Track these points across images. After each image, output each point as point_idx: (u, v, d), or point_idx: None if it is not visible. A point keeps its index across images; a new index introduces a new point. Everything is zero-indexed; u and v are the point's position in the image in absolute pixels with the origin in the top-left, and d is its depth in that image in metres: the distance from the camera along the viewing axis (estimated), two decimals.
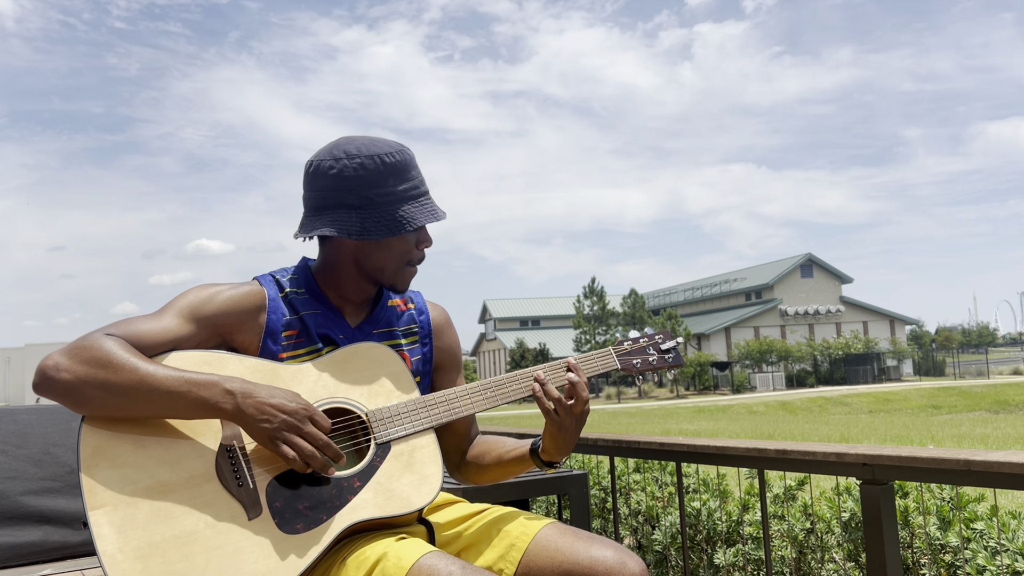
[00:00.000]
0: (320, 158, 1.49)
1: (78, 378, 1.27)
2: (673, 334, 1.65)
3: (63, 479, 2.17)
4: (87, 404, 1.28)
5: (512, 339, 53.95)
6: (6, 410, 2.23)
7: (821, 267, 52.30)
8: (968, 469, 1.84)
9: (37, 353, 50.46)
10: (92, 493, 1.23)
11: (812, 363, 46.30)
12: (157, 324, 1.38)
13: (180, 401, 1.28)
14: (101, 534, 1.21)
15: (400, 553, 1.26)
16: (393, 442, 1.42)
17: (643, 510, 3.78)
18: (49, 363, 1.28)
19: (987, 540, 2.53)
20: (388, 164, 1.47)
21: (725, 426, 18.31)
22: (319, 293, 1.53)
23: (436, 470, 1.43)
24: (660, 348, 1.64)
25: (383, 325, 1.59)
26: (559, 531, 1.43)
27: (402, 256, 1.51)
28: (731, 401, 32.93)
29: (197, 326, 1.41)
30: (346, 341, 1.52)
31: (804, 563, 3.02)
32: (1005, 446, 10.76)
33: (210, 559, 1.22)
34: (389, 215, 1.46)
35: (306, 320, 1.49)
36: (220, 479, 1.29)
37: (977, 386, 35.98)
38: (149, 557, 1.20)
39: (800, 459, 2.21)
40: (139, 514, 1.23)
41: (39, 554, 2.08)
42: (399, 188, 1.48)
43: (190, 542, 1.23)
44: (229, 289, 1.46)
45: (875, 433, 14.13)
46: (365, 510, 1.34)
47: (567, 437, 1.49)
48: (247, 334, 1.45)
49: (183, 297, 1.44)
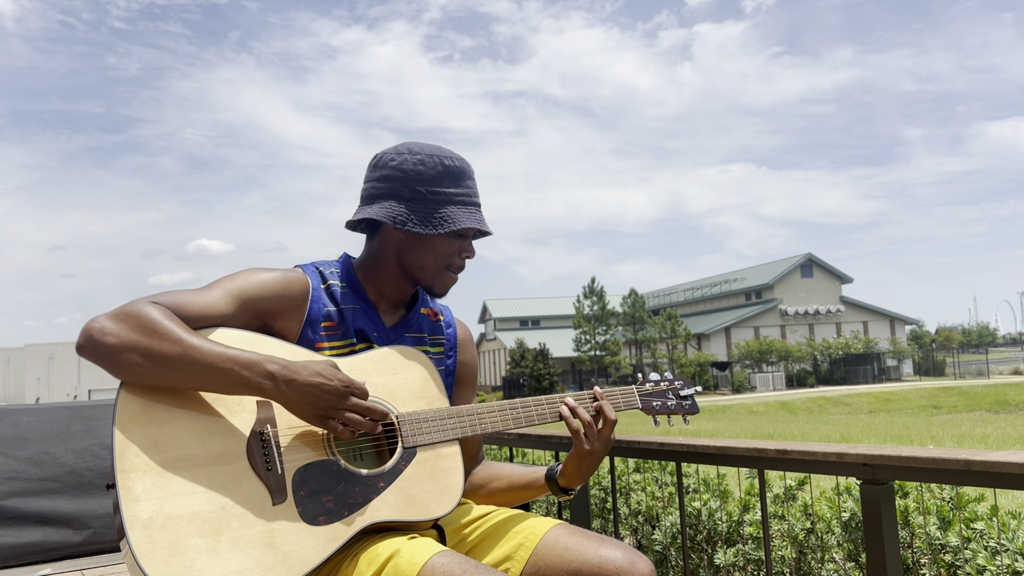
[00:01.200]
0: (385, 151, 1.57)
1: (123, 343, 1.26)
2: (692, 382, 1.73)
3: (63, 480, 2.17)
4: (128, 370, 1.27)
5: (512, 339, 53.94)
6: (6, 412, 2.23)
7: (821, 267, 52.29)
8: (968, 469, 1.84)
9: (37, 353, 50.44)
10: (123, 456, 1.23)
11: (812, 363, 46.30)
12: (203, 299, 1.38)
13: (221, 377, 1.28)
14: (127, 497, 1.20)
15: (412, 551, 1.27)
16: (419, 448, 1.44)
17: (643, 510, 3.78)
18: (95, 326, 1.28)
19: (987, 540, 2.53)
20: (446, 167, 1.54)
21: (725, 426, 18.31)
22: (359, 288, 1.56)
23: (458, 481, 1.45)
24: (679, 394, 1.72)
25: (415, 330, 1.62)
26: (568, 531, 1.44)
27: (443, 258, 1.55)
28: (731, 401, 32.93)
29: (242, 307, 1.42)
30: (380, 339, 1.54)
31: (804, 563, 3.02)
32: (1005, 446, 10.76)
33: (233, 540, 1.23)
34: (436, 212, 1.51)
35: (345, 313, 1.52)
36: (250, 460, 1.29)
37: (977, 386, 35.99)
38: (172, 528, 1.20)
39: (800, 459, 2.21)
40: (167, 484, 1.23)
41: (39, 554, 2.08)
42: (450, 191, 1.53)
43: (214, 519, 1.23)
44: (277, 275, 1.48)
45: (875, 433, 14.13)
46: (385, 512, 1.36)
47: (591, 462, 1.54)
48: (289, 321, 1.47)
49: (232, 278, 1.45)
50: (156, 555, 1.17)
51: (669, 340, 44.59)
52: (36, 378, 49.39)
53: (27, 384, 49.13)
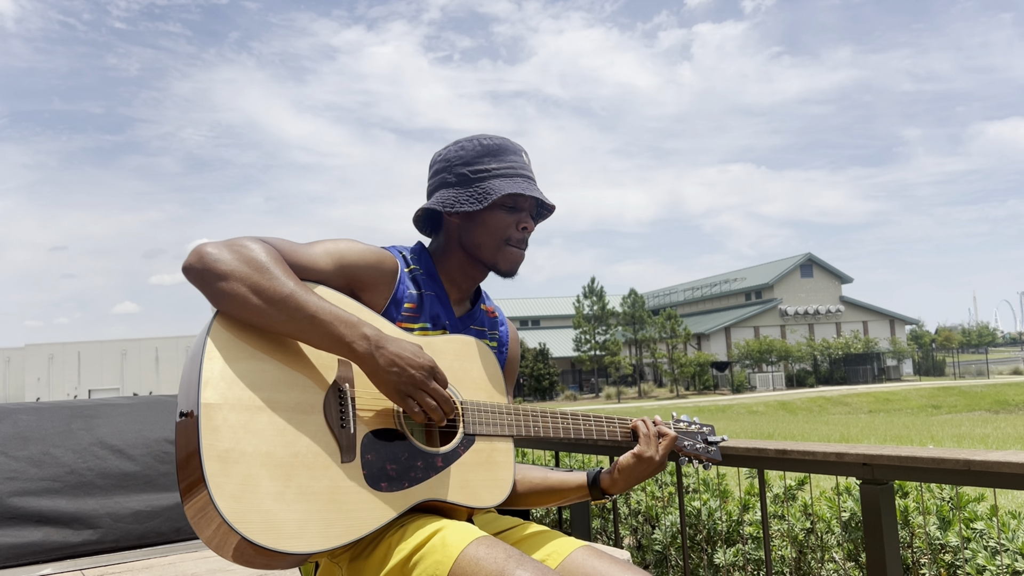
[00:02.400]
0: (439, 149, 1.63)
1: (232, 271, 1.27)
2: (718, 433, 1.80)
3: (63, 480, 2.17)
4: (229, 299, 1.28)
5: None
6: (6, 411, 2.23)
7: (821, 267, 52.27)
8: (968, 469, 1.84)
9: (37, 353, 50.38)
10: (208, 384, 1.23)
11: (812, 363, 46.30)
12: (307, 253, 1.41)
13: (320, 328, 1.29)
14: (208, 426, 1.20)
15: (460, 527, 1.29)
16: (478, 437, 1.47)
17: (643, 510, 3.78)
18: (210, 249, 1.29)
19: (987, 540, 2.53)
20: (485, 145, 1.57)
21: (725, 426, 18.31)
22: (436, 275, 1.60)
23: (509, 476, 1.48)
24: (707, 439, 1.76)
25: (478, 323, 1.66)
26: (593, 554, 1.45)
27: (497, 233, 1.56)
28: (731, 401, 32.93)
29: (339, 271, 1.44)
30: (451, 328, 1.58)
31: (804, 563, 3.02)
32: (1005, 446, 10.76)
33: (301, 488, 1.23)
34: (480, 188, 1.54)
35: (424, 298, 1.55)
36: (325, 415, 1.31)
37: (977, 386, 35.98)
38: (246, 465, 1.21)
39: (800, 459, 2.21)
40: (246, 422, 1.23)
41: (39, 554, 2.08)
42: (493, 166, 1.56)
43: (285, 465, 1.24)
44: (374, 249, 1.51)
45: (875, 433, 14.13)
46: (440, 491, 1.38)
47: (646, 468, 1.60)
48: (377, 296, 1.49)
49: (333, 241, 1.47)
50: (228, 488, 1.18)
51: (669, 340, 44.57)
52: (36, 378, 49.37)
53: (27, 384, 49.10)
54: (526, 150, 1.62)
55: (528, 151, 1.64)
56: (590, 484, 1.63)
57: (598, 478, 1.63)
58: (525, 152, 1.62)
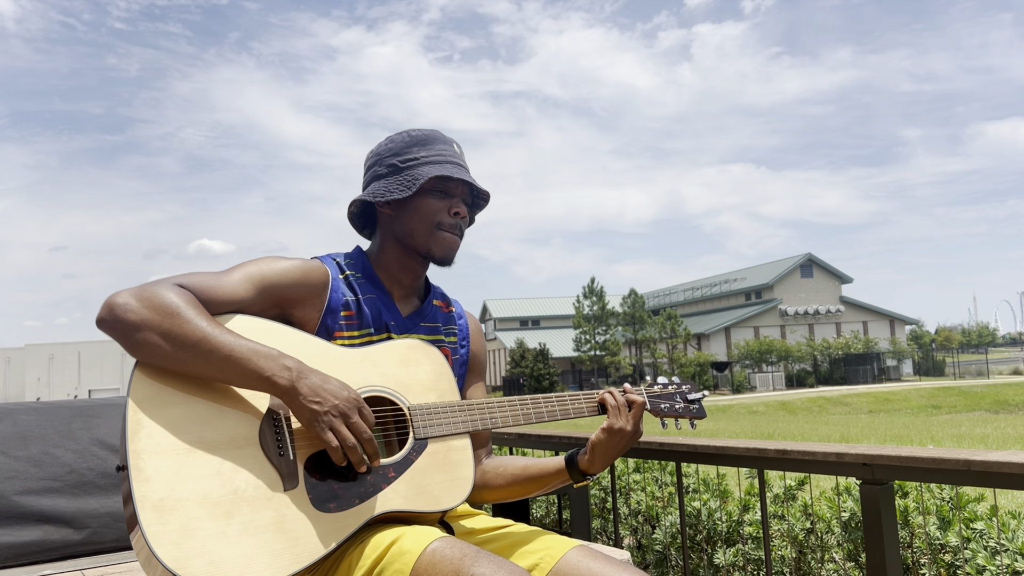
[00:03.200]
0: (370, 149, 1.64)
1: (142, 321, 1.26)
2: (698, 387, 1.74)
3: (63, 479, 2.17)
4: (144, 349, 1.26)
5: (512, 339, 53.92)
6: (6, 411, 2.23)
7: (821, 267, 52.26)
8: (968, 469, 1.84)
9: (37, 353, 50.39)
10: (136, 437, 1.21)
11: (812, 363, 46.28)
12: (225, 284, 1.38)
13: (237, 367, 1.27)
14: (139, 478, 1.19)
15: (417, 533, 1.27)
16: (430, 439, 1.44)
17: (643, 510, 3.78)
18: (119, 300, 1.27)
19: (987, 540, 2.53)
20: (414, 136, 1.58)
21: (725, 426, 18.30)
22: (374, 277, 1.58)
23: (468, 474, 1.45)
24: (687, 398, 1.72)
25: (430, 320, 1.64)
26: (588, 554, 1.42)
27: (428, 218, 1.55)
28: (731, 401, 32.92)
29: (262, 294, 1.42)
30: (396, 328, 1.56)
31: (804, 563, 3.02)
32: (1005, 446, 10.76)
33: (244, 524, 1.22)
34: (408, 176, 1.53)
35: (363, 303, 1.53)
36: (262, 445, 1.29)
37: (977, 386, 35.97)
38: (183, 510, 1.19)
39: (800, 459, 2.21)
40: (179, 466, 1.22)
41: (39, 554, 2.08)
42: (423, 155, 1.56)
43: (226, 503, 1.22)
44: (298, 262, 1.49)
45: (875, 433, 14.13)
46: (396, 501, 1.35)
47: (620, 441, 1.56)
48: (308, 309, 1.47)
49: (253, 264, 1.45)
50: (167, 536, 1.16)
51: (669, 340, 44.57)
52: (36, 378, 49.37)
53: (27, 384, 49.09)
54: (459, 143, 1.62)
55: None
56: (568, 466, 1.59)
57: (575, 459, 1.60)
58: (457, 144, 1.61)
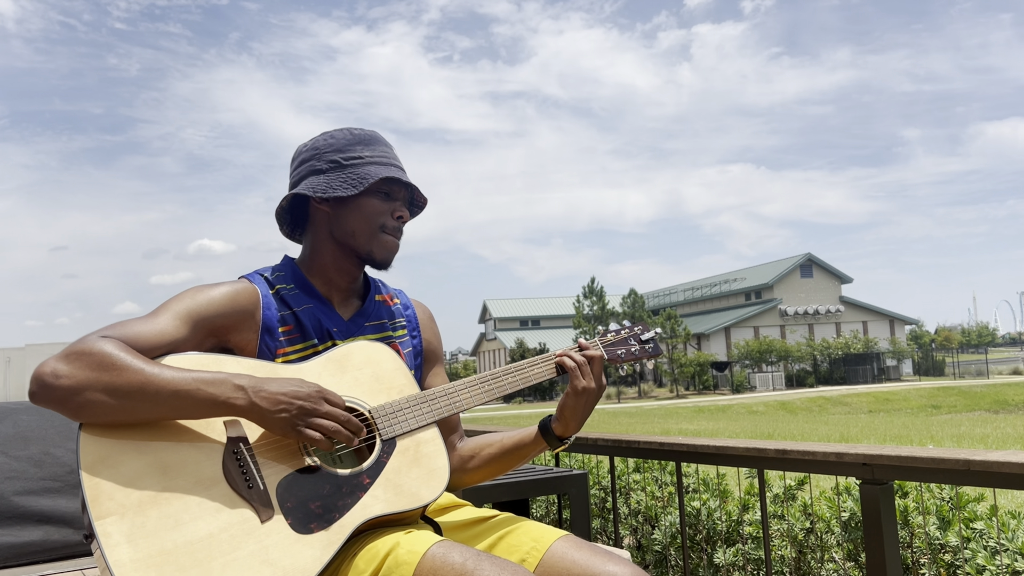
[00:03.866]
0: (301, 143, 1.59)
1: (79, 383, 1.22)
2: (650, 326, 1.72)
3: (63, 479, 2.17)
4: (88, 410, 1.22)
5: (512, 339, 53.93)
6: (6, 411, 2.23)
7: (821, 267, 52.26)
8: (968, 469, 1.84)
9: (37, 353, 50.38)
10: (96, 503, 1.18)
11: (812, 363, 46.27)
12: (153, 327, 1.34)
13: (189, 400, 1.25)
14: (110, 544, 1.16)
15: (411, 542, 1.26)
16: (398, 438, 1.42)
17: (643, 510, 3.78)
18: (46, 370, 1.22)
19: (987, 540, 2.53)
20: (356, 135, 1.55)
21: (725, 426, 18.31)
22: (308, 286, 1.53)
23: (443, 463, 1.43)
24: (640, 339, 1.69)
25: (374, 318, 1.59)
26: (574, 544, 1.41)
27: (372, 219, 1.52)
28: (731, 401, 32.92)
29: (194, 328, 1.38)
30: (340, 334, 1.52)
31: (804, 563, 3.02)
32: (1005, 446, 10.76)
33: (226, 564, 1.19)
34: (353, 174, 1.50)
35: (300, 315, 1.49)
36: (229, 482, 1.26)
37: (977, 386, 35.97)
38: (162, 566, 1.16)
39: (800, 459, 2.21)
40: (148, 522, 1.19)
41: (39, 554, 2.08)
42: (366, 154, 1.53)
43: (203, 548, 1.19)
44: (223, 288, 1.44)
45: (875, 433, 14.13)
46: (376, 507, 1.33)
47: (587, 400, 1.54)
48: (244, 332, 1.44)
49: (178, 300, 1.41)
50: None
51: (669, 340, 44.56)
52: None
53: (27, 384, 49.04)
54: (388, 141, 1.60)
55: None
56: (543, 433, 1.58)
57: (548, 425, 1.58)
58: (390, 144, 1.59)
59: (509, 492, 2.68)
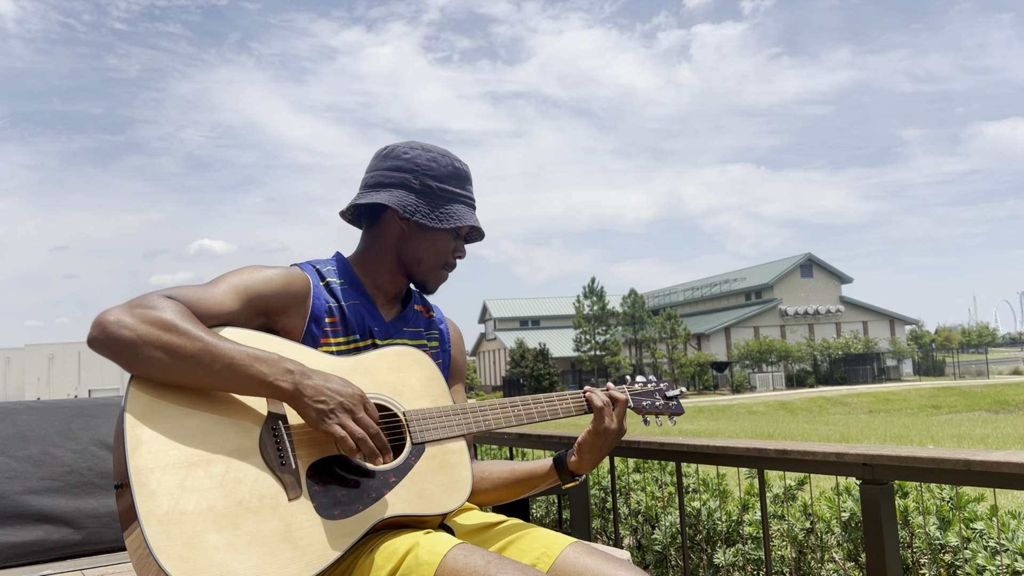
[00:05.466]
0: (397, 144, 1.60)
1: (140, 337, 1.24)
2: (675, 384, 1.79)
3: (63, 479, 2.17)
4: (144, 365, 1.25)
5: (512, 339, 53.92)
6: (6, 410, 2.23)
7: (821, 267, 52.25)
8: (968, 469, 1.84)
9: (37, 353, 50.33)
10: (136, 452, 1.20)
11: (812, 363, 46.27)
12: (212, 296, 1.37)
13: (240, 374, 1.27)
14: (142, 493, 1.17)
15: (432, 544, 1.27)
16: (427, 444, 1.45)
17: (643, 510, 3.78)
18: (110, 318, 1.25)
19: (987, 540, 2.53)
20: (456, 168, 1.59)
21: (725, 426, 18.31)
22: (357, 282, 1.57)
23: (467, 475, 1.46)
24: (666, 395, 1.76)
25: (412, 325, 1.64)
26: (585, 551, 1.42)
27: (440, 254, 1.59)
28: (731, 401, 32.92)
29: (247, 305, 1.41)
30: (381, 334, 1.56)
31: (804, 563, 3.02)
32: (1005, 446, 10.76)
33: (250, 535, 1.21)
34: (443, 207, 1.55)
35: (346, 309, 1.53)
36: (263, 456, 1.28)
37: (977, 386, 35.97)
38: (189, 524, 1.18)
39: (800, 459, 2.21)
40: (182, 480, 1.21)
41: (39, 554, 2.08)
42: (458, 191, 1.58)
43: (230, 515, 1.21)
44: (279, 271, 1.48)
45: (875, 433, 14.13)
46: (398, 506, 1.36)
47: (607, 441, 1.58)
48: (293, 317, 1.47)
49: (236, 274, 1.44)
50: (174, 550, 1.16)
51: (669, 340, 44.57)
52: (36, 378, 49.34)
53: (27, 384, 49.06)
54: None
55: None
56: (557, 468, 1.61)
57: (564, 460, 1.61)
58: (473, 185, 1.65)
59: None
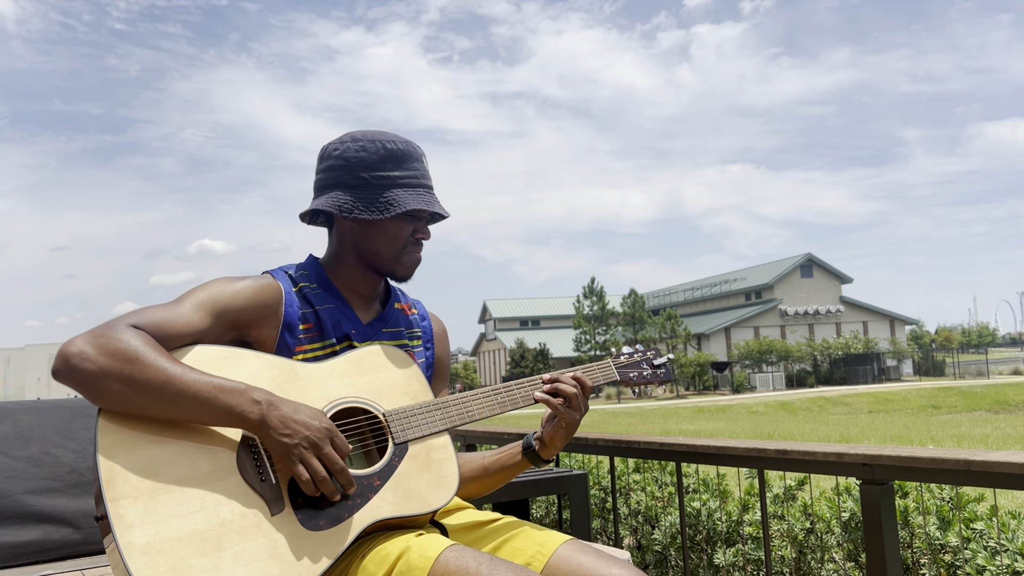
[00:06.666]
0: (330, 142, 1.55)
1: (102, 370, 1.23)
2: (660, 353, 1.75)
3: (63, 479, 2.17)
4: (107, 397, 1.24)
5: (512, 339, 53.92)
6: (6, 410, 2.23)
7: (821, 267, 52.26)
8: (968, 469, 1.84)
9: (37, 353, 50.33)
10: (111, 485, 1.19)
11: (812, 363, 46.26)
12: (179, 316, 1.35)
13: (205, 407, 1.26)
14: (121, 526, 1.17)
15: (423, 546, 1.26)
16: (410, 443, 1.43)
17: (643, 510, 3.78)
18: (73, 350, 1.23)
19: (987, 540, 2.53)
20: (389, 150, 1.52)
21: (725, 426, 18.31)
22: (331, 286, 1.54)
23: (453, 471, 1.44)
24: (653, 364, 1.72)
25: (392, 325, 1.61)
26: (579, 548, 1.42)
27: (396, 242, 1.53)
28: (731, 401, 32.91)
29: (216, 320, 1.39)
30: (359, 336, 1.53)
31: (804, 563, 3.02)
32: (1005, 446, 10.75)
33: (235, 555, 1.20)
34: (380, 197, 1.49)
35: (321, 314, 1.50)
36: (242, 474, 1.27)
37: (977, 386, 35.96)
38: (171, 551, 1.17)
39: (800, 459, 2.21)
40: (160, 507, 1.20)
41: (39, 554, 2.08)
42: (395, 174, 1.51)
43: (214, 537, 1.21)
44: (248, 282, 1.45)
45: (875, 433, 14.13)
46: (384, 509, 1.34)
47: (572, 428, 1.55)
48: (265, 328, 1.45)
49: (203, 290, 1.41)
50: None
51: (669, 340, 44.56)
52: (36, 378, 49.33)
53: (27, 384, 49.05)
54: (425, 153, 1.58)
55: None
56: (527, 454, 1.60)
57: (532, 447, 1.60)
58: (425, 156, 1.58)
59: (509, 492, 2.67)
